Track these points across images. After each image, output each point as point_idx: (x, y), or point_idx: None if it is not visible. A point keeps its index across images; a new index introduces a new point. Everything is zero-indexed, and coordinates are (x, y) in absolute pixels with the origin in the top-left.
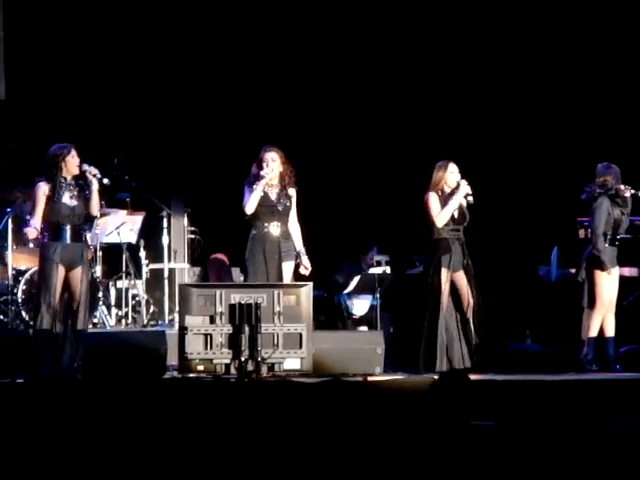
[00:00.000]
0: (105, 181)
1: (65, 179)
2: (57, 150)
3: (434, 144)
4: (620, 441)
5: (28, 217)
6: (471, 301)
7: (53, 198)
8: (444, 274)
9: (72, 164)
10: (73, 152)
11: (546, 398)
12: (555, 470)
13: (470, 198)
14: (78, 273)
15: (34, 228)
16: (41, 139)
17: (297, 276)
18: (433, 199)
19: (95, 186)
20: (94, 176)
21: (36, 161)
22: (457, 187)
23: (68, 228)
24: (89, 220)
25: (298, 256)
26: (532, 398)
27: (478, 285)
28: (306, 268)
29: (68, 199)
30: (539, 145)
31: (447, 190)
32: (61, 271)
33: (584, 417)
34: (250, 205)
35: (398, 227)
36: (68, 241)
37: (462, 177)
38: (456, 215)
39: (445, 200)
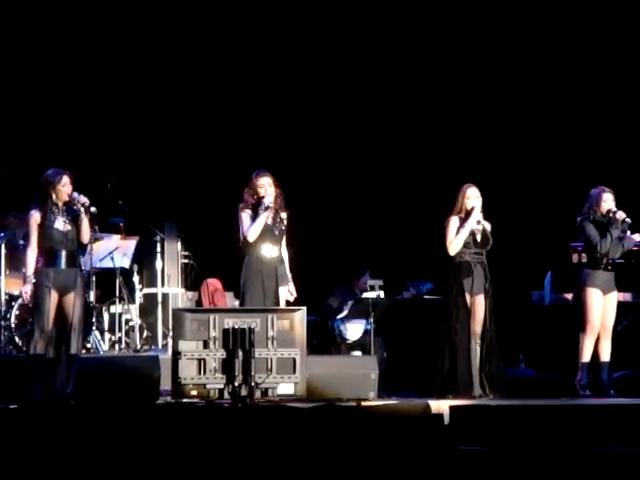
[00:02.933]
0: (93, 209)
1: (57, 205)
2: (49, 177)
3: (427, 168)
4: (613, 467)
5: (21, 242)
6: (488, 327)
7: (46, 224)
8: (467, 299)
9: (62, 192)
10: (64, 180)
11: (539, 423)
12: None
13: (479, 227)
14: (71, 298)
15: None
16: (34, 164)
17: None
18: (452, 224)
19: (84, 215)
20: (82, 205)
21: (30, 186)
22: (471, 212)
23: (63, 254)
24: (81, 246)
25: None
26: (525, 423)
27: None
28: (292, 294)
29: (61, 224)
30: (532, 170)
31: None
32: (54, 296)
33: (577, 442)
34: (253, 232)
35: (392, 252)
36: (63, 267)
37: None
38: (479, 239)
39: (463, 225)
